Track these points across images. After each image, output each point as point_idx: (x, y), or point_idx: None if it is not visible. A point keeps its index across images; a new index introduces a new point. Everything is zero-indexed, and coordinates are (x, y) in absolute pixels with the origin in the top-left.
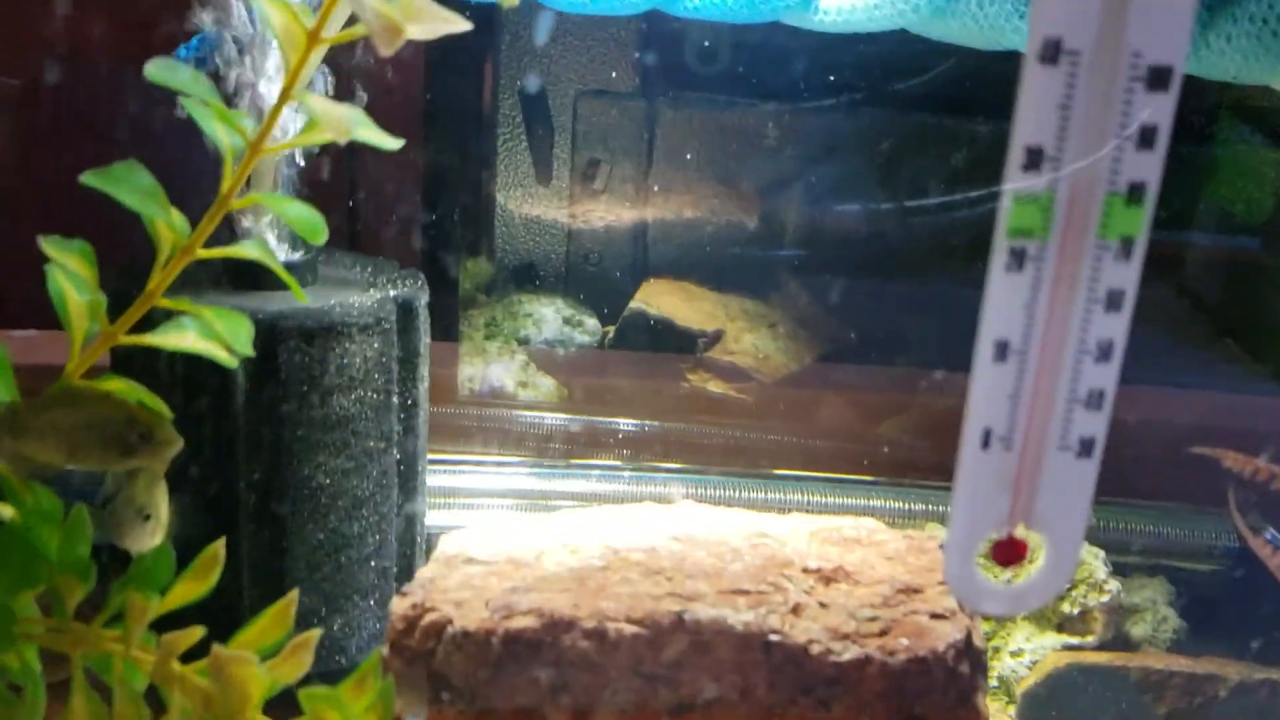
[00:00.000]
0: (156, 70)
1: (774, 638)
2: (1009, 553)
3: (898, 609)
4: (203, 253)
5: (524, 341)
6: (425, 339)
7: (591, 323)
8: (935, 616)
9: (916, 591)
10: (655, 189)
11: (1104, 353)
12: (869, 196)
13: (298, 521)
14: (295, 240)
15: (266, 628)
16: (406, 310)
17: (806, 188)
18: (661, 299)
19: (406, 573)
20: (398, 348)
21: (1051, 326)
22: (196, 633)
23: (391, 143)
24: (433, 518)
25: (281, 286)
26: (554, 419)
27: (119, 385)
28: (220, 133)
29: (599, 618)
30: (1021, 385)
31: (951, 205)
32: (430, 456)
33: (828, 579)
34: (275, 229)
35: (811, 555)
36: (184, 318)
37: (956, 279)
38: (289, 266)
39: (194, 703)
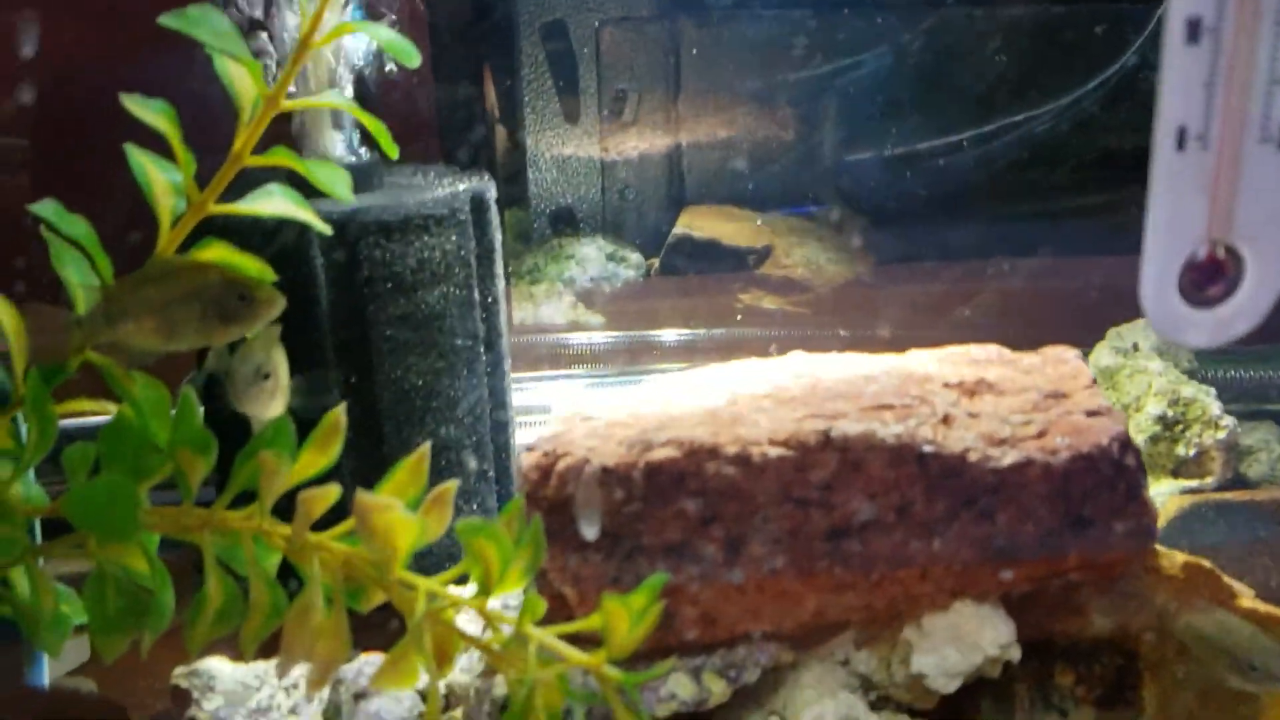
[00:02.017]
0: None
1: (928, 449)
2: (1208, 274)
3: (1049, 412)
4: (286, 105)
5: (569, 283)
6: (499, 234)
7: (635, 256)
8: (1091, 414)
9: (1064, 396)
10: (686, 114)
11: None
12: (905, 100)
13: (394, 426)
14: (353, 148)
15: (403, 482)
16: (479, 203)
17: (841, 95)
18: (704, 223)
19: (504, 477)
20: (475, 242)
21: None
22: (333, 493)
23: (413, 56)
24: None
25: (383, 185)
26: (606, 340)
27: (213, 252)
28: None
29: (741, 443)
30: (1216, 70)
31: (992, 101)
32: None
33: (970, 391)
34: (337, 136)
35: (946, 373)
36: (271, 185)
37: (1003, 174)
38: (353, 170)
39: (333, 573)
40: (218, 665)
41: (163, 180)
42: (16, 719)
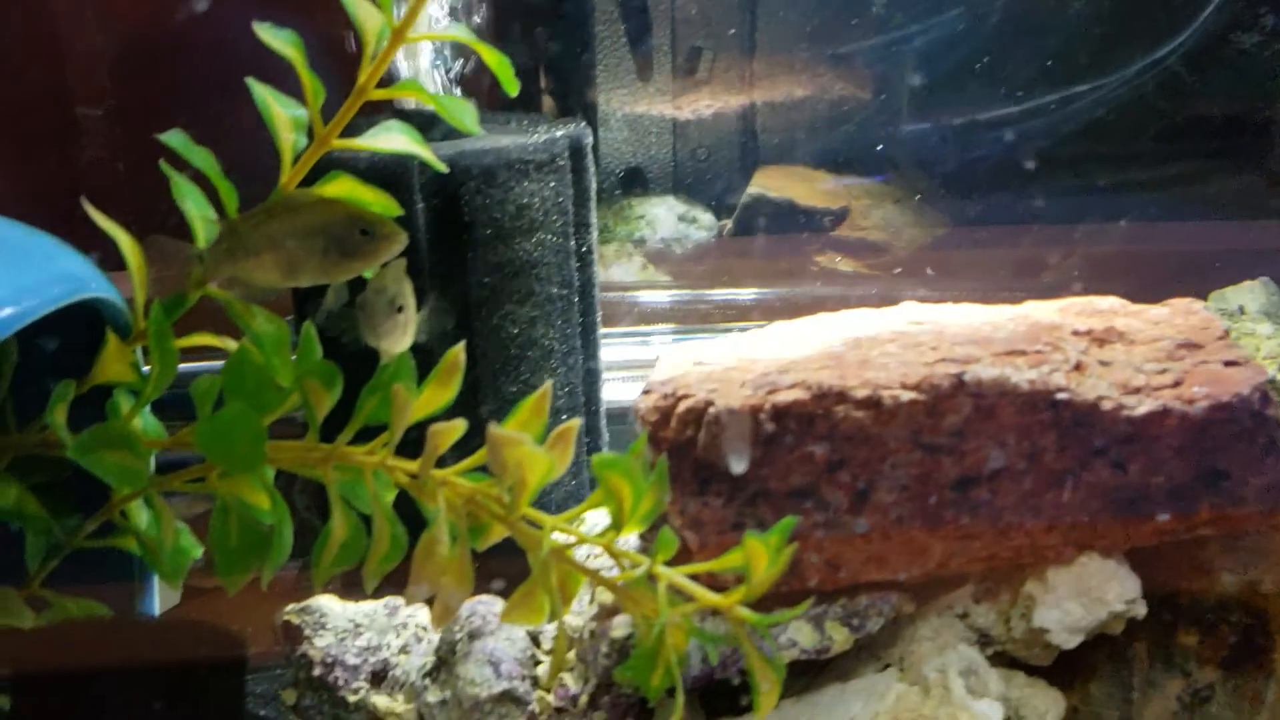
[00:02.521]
0: None
1: (1061, 395)
2: None
3: (1184, 361)
4: (413, 37)
5: (639, 243)
6: (594, 182)
7: (706, 217)
8: (1229, 364)
9: (1198, 346)
10: (761, 72)
11: None
12: (986, 61)
13: (489, 374)
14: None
15: (525, 420)
16: (577, 150)
17: (921, 56)
18: (779, 183)
19: (593, 431)
20: (572, 189)
21: None
22: (459, 427)
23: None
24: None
25: (453, 135)
26: (677, 299)
27: (337, 187)
28: None
29: (871, 386)
30: None
31: (1075, 62)
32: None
33: (1100, 340)
34: (433, 77)
35: (1073, 322)
36: (390, 121)
37: (1086, 137)
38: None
39: (456, 509)
40: (328, 603)
41: (284, 115)
42: (132, 648)
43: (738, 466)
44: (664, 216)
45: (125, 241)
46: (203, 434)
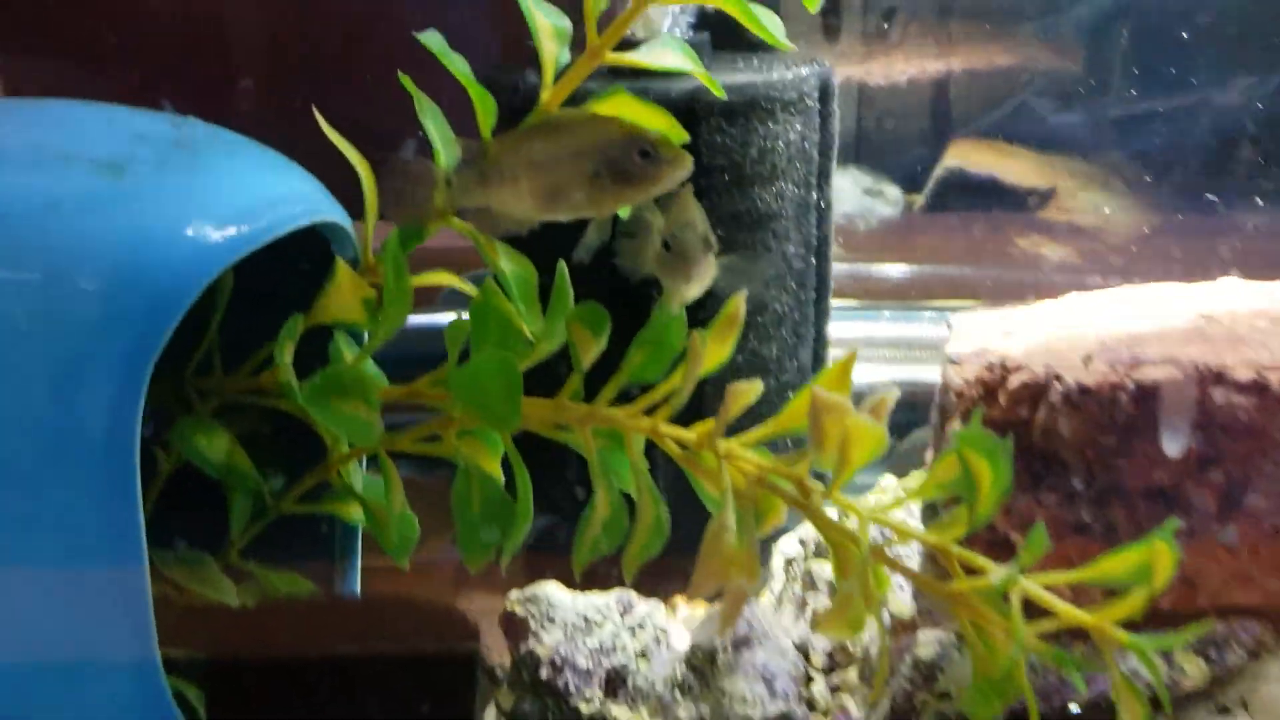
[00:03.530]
0: None
1: None
2: None
3: None
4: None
5: None
6: (838, 127)
7: (893, 191)
8: None
9: None
10: (960, 37)
11: None
12: (1207, 39)
13: None
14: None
15: (833, 380)
16: (824, 88)
17: (1136, 29)
18: (979, 157)
19: None
20: (818, 133)
21: None
22: (756, 388)
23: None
24: None
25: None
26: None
27: (611, 105)
28: None
29: (1255, 368)
30: None
31: None
32: None
33: None
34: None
35: None
36: (667, 38)
37: None
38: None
39: (744, 492)
40: (557, 593)
41: (549, 24)
42: (341, 627)
43: (1173, 447)
44: (847, 189)
45: (357, 159)
46: (459, 383)
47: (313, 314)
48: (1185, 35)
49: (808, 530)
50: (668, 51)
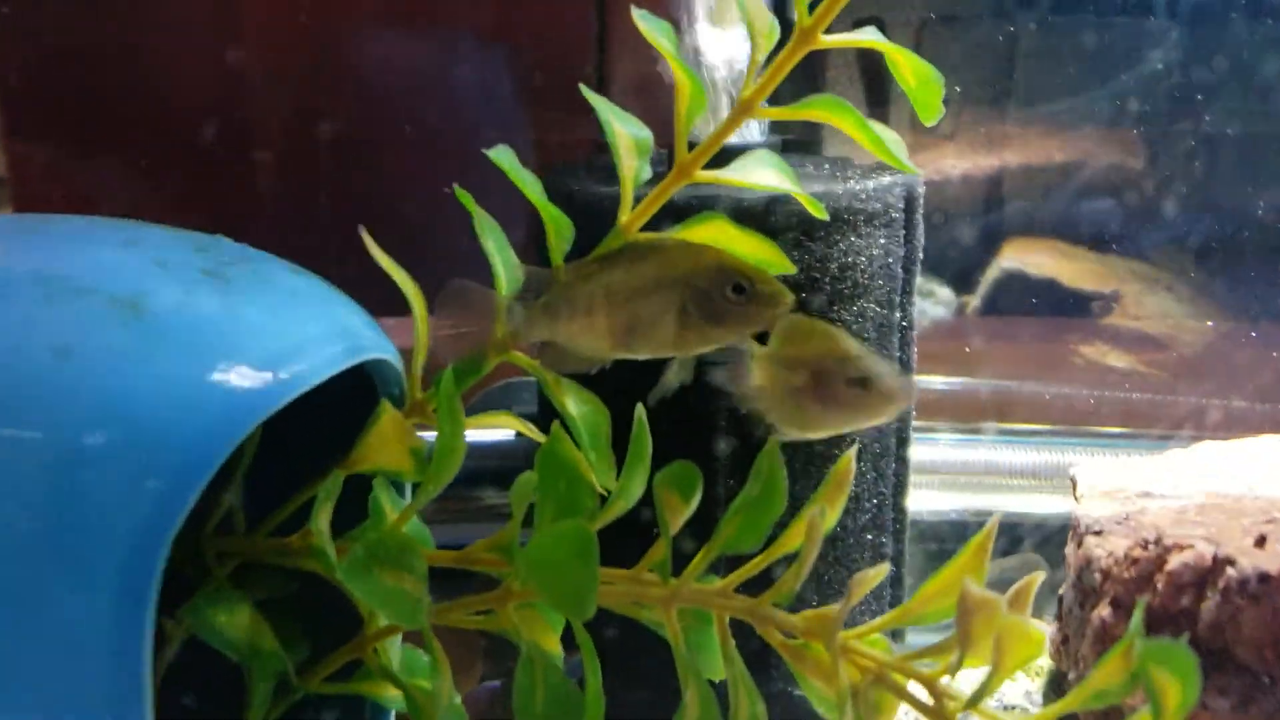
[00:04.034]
0: None
1: None
2: None
3: None
4: (824, 41)
5: None
6: (922, 242)
7: (944, 292)
8: None
9: None
10: (1015, 130)
11: None
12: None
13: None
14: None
15: (968, 564)
16: (910, 199)
17: (1206, 121)
18: (1037, 258)
19: (898, 554)
20: (903, 248)
21: None
22: (883, 571)
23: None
24: None
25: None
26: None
27: (704, 231)
28: None
29: None
30: None
31: None
32: None
33: None
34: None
35: None
36: (760, 153)
37: None
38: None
39: (862, 696)
40: None
41: (628, 136)
42: None
43: None
44: None
45: (408, 285)
46: (527, 561)
47: (351, 462)
48: (1263, 128)
49: None
50: (763, 169)
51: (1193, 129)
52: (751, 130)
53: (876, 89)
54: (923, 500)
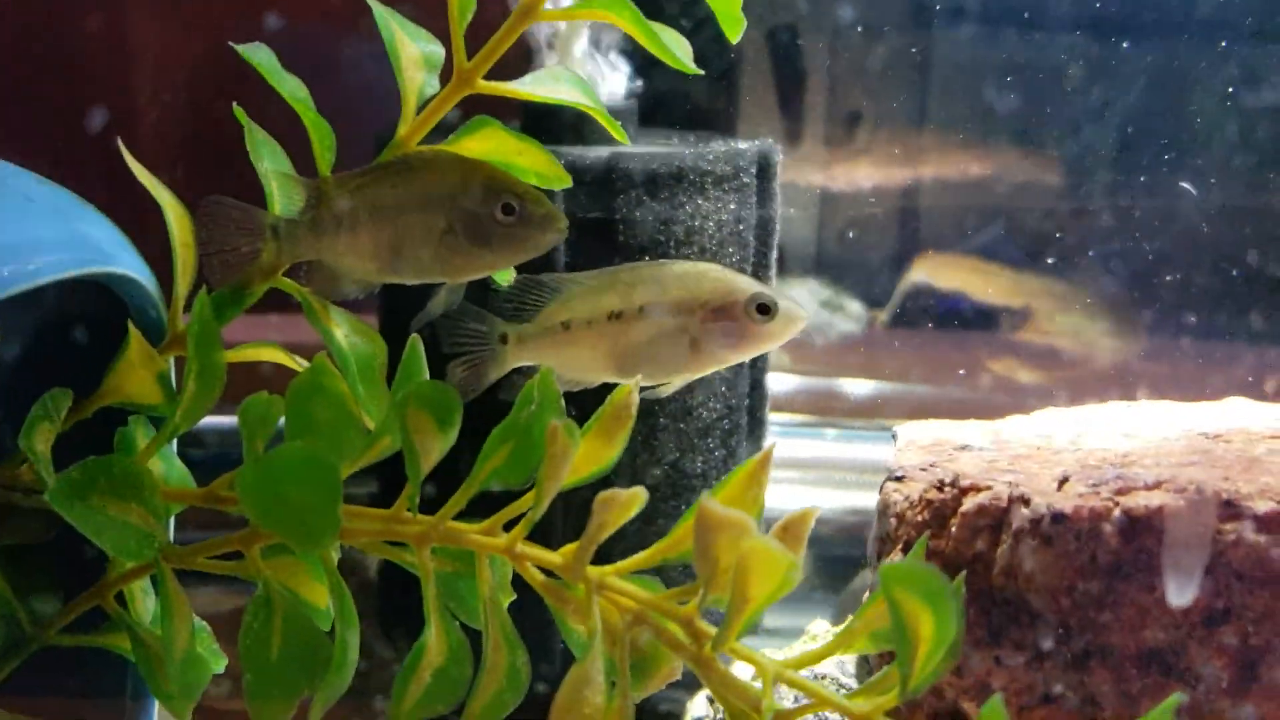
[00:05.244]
0: None
1: None
2: None
3: None
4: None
5: None
6: (779, 211)
7: (854, 306)
8: None
9: None
10: (930, 145)
11: None
12: (1201, 149)
13: (626, 452)
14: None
15: (736, 497)
16: (764, 168)
17: (1120, 137)
18: (947, 273)
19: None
20: (755, 214)
21: None
22: (639, 499)
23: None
24: None
25: (607, 139)
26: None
27: (479, 141)
28: None
29: (1276, 497)
30: None
31: None
32: None
33: None
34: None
35: None
36: (557, 69)
37: None
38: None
39: (618, 633)
40: None
41: (413, 51)
42: None
43: (1179, 597)
44: (804, 302)
45: (169, 201)
46: (249, 483)
47: (100, 394)
48: (1182, 147)
49: None
50: (557, 83)
51: (1109, 145)
52: (617, 95)
53: (792, 105)
54: (817, 497)
